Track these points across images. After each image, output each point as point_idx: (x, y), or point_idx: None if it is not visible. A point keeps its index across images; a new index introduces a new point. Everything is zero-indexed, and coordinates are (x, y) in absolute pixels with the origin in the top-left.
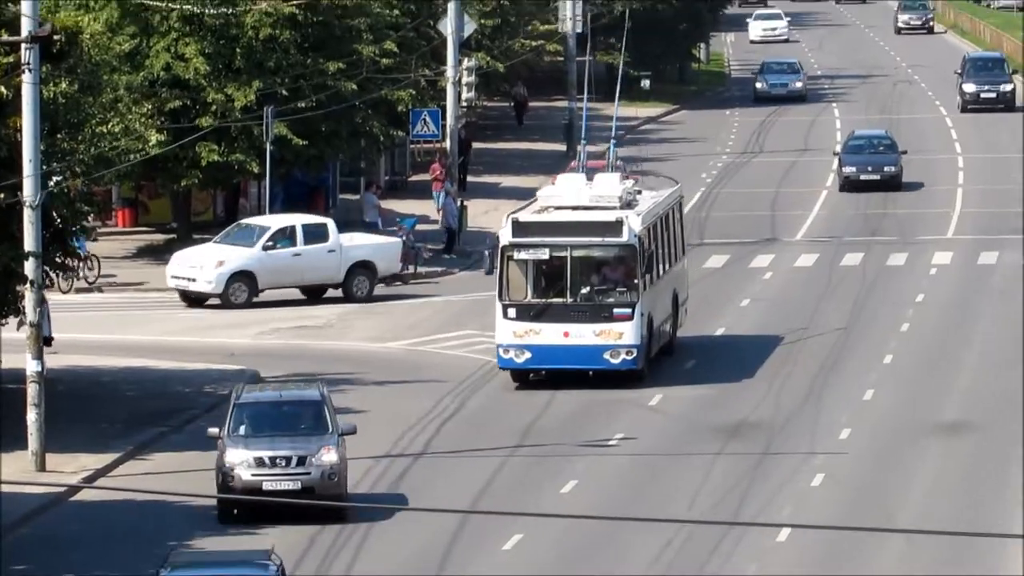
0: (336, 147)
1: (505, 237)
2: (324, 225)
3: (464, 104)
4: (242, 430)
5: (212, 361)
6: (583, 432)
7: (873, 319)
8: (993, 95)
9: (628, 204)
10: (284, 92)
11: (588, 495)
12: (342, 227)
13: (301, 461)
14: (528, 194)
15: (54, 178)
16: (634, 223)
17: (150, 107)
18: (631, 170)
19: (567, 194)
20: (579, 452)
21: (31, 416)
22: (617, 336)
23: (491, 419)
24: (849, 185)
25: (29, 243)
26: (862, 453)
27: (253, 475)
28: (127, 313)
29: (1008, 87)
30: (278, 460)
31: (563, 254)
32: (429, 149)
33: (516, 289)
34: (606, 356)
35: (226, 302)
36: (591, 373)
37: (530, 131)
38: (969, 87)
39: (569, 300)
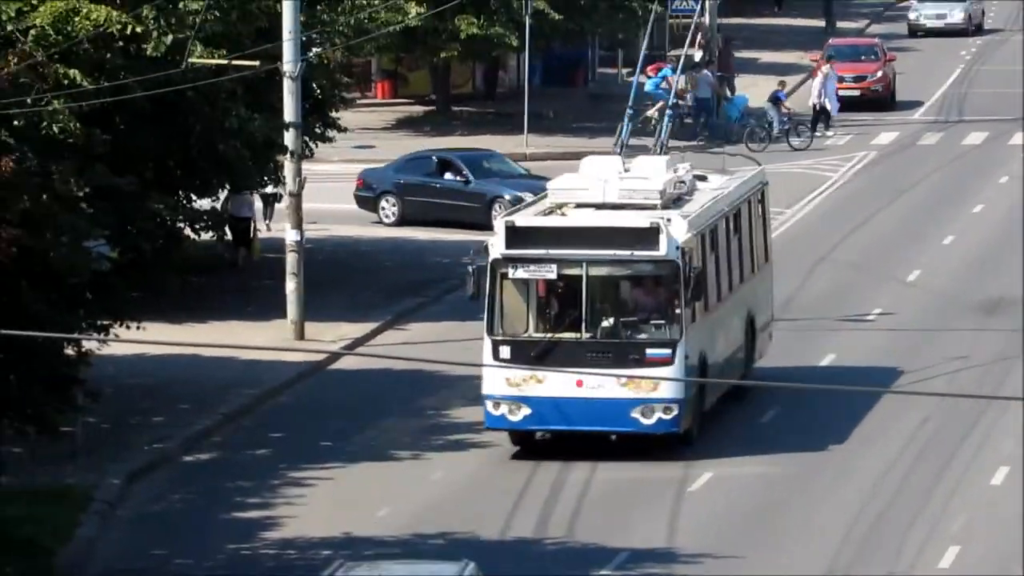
0: (595, 21)
1: (497, 248)
2: None
3: None
4: None
5: (470, 234)
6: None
7: None
8: None
9: (675, 201)
10: None
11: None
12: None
13: None
14: (785, 70)
15: (313, 49)
16: (677, 230)
17: None
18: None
19: (590, 186)
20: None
21: (290, 285)
22: (651, 388)
23: None
24: None
25: (289, 113)
26: None
27: None
28: None
29: None
30: None
31: (577, 272)
32: (686, 23)
33: (512, 320)
34: (635, 415)
35: None
36: (614, 437)
37: (789, 8)
38: None
39: (584, 336)
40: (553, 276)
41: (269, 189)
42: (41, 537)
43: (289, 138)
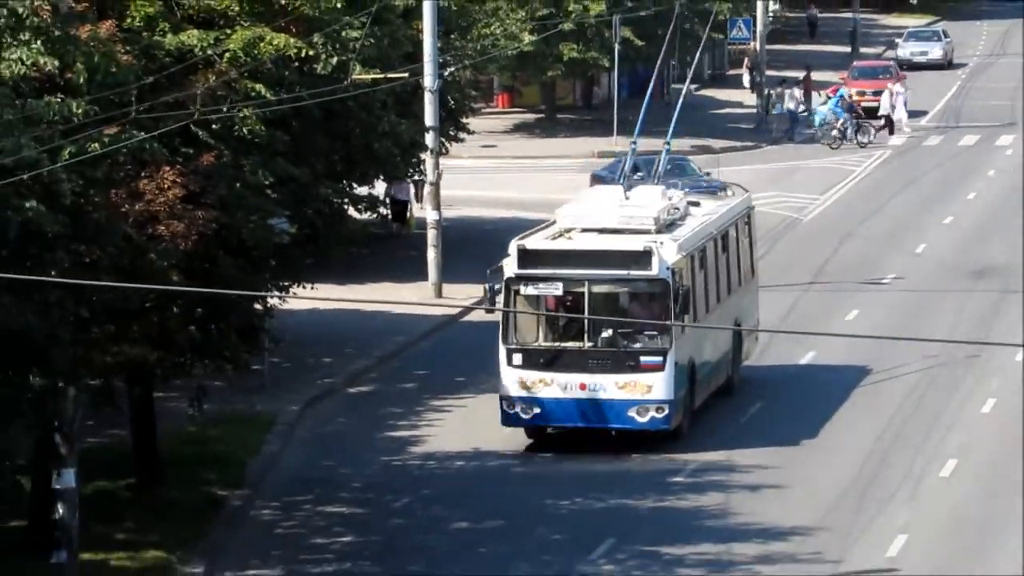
0: (669, 47)
1: (510, 267)
2: None
3: (770, 14)
4: None
5: None
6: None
7: None
8: None
9: (668, 226)
10: (629, 2)
11: (867, 321)
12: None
13: None
14: (820, 86)
15: (448, 68)
16: (668, 252)
17: (524, 13)
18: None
19: (594, 213)
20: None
21: (431, 255)
22: (645, 390)
23: (792, 261)
24: None
25: (429, 119)
26: None
27: None
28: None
29: None
30: None
31: (580, 290)
32: (742, 49)
33: (524, 331)
34: (631, 413)
35: None
36: (613, 433)
37: (821, 36)
38: None
39: (587, 345)
40: (559, 293)
41: (416, 178)
42: (235, 452)
43: (429, 139)
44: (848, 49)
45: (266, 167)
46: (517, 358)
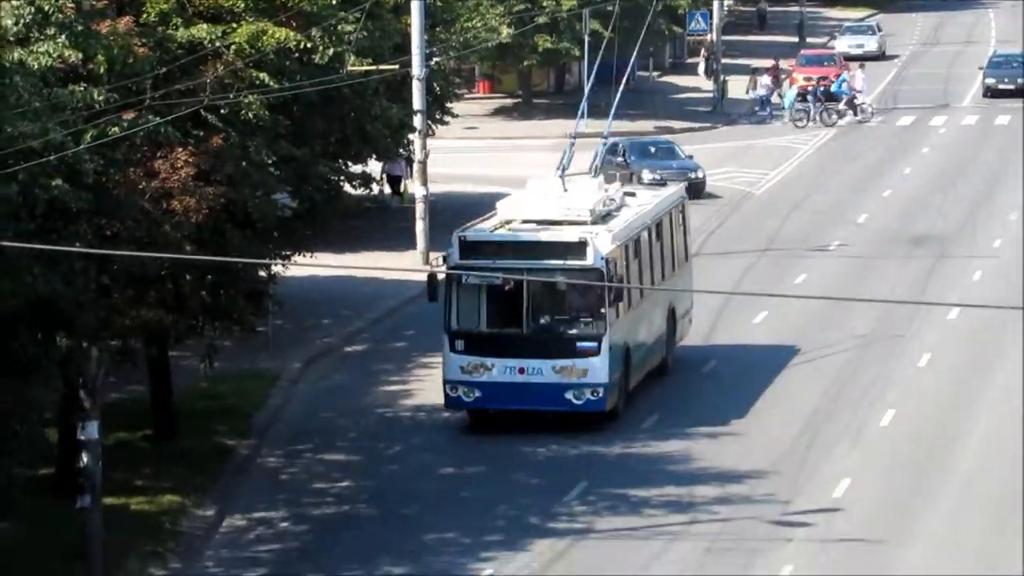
0: (634, 37)
1: (452, 258)
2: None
3: (725, 8)
4: None
5: None
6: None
7: None
8: None
9: (604, 217)
10: None
11: (815, 284)
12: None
13: None
14: (759, 71)
15: (434, 59)
16: (602, 243)
17: (503, 8)
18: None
19: (534, 205)
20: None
21: (419, 226)
22: (581, 373)
23: (745, 231)
24: (991, 93)
25: (417, 103)
26: None
27: None
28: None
29: None
30: None
31: (519, 279)
32: (699, 39)
33: (465, 318)
34: (568, 396)
35: None
36: (549, 416)
37: (770, 27)
38: None
39: (525, 331)
40: (499, 282)
41: (408, 155)
42: (243, 405)
43: (417, 121)
44: (796, 39)
45: (269, 148)
46: (459, 344)
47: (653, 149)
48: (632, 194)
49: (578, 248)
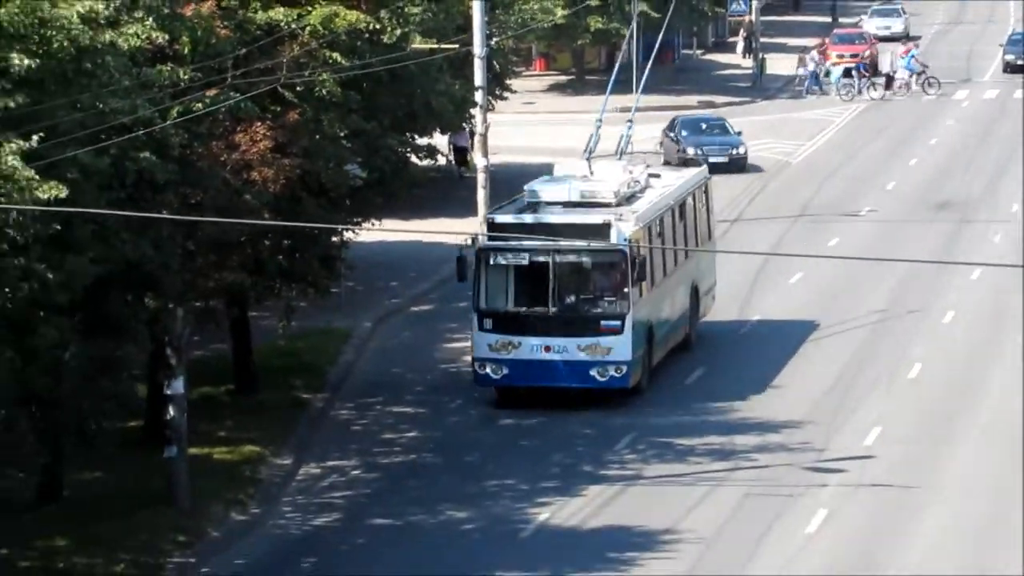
0: (680, 18)
1: (481, 239)
2: None
3: None
4: None
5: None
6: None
7: None
8: None
9: (628, 199)
10: None
11: (847, 247)
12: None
13: None
14: (805, 51)
15: (494, 38)
16: (626, 225)
17: None
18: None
19: (559, 188)
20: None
21: (480, 194)
22: (605, 351)
23: (783, 198)
24: (1010, 68)
25: (478, 80)
26: None
27: None
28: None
29: None
30: None
31: (545, 259)
32: (739, 19)
33: (494, 297)
34: (593, 373)
35: None
36: (574, 393)
37: (804, 8)
38: None
39: (551, 311)
40: (526, 263)
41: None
42: (318, 361)
43: (478, 96)
44: (829, 19)
45: (342, 122)
46: (488, 322)
47: (704, 125)
48: (657, 175)
49: (602, 230)
